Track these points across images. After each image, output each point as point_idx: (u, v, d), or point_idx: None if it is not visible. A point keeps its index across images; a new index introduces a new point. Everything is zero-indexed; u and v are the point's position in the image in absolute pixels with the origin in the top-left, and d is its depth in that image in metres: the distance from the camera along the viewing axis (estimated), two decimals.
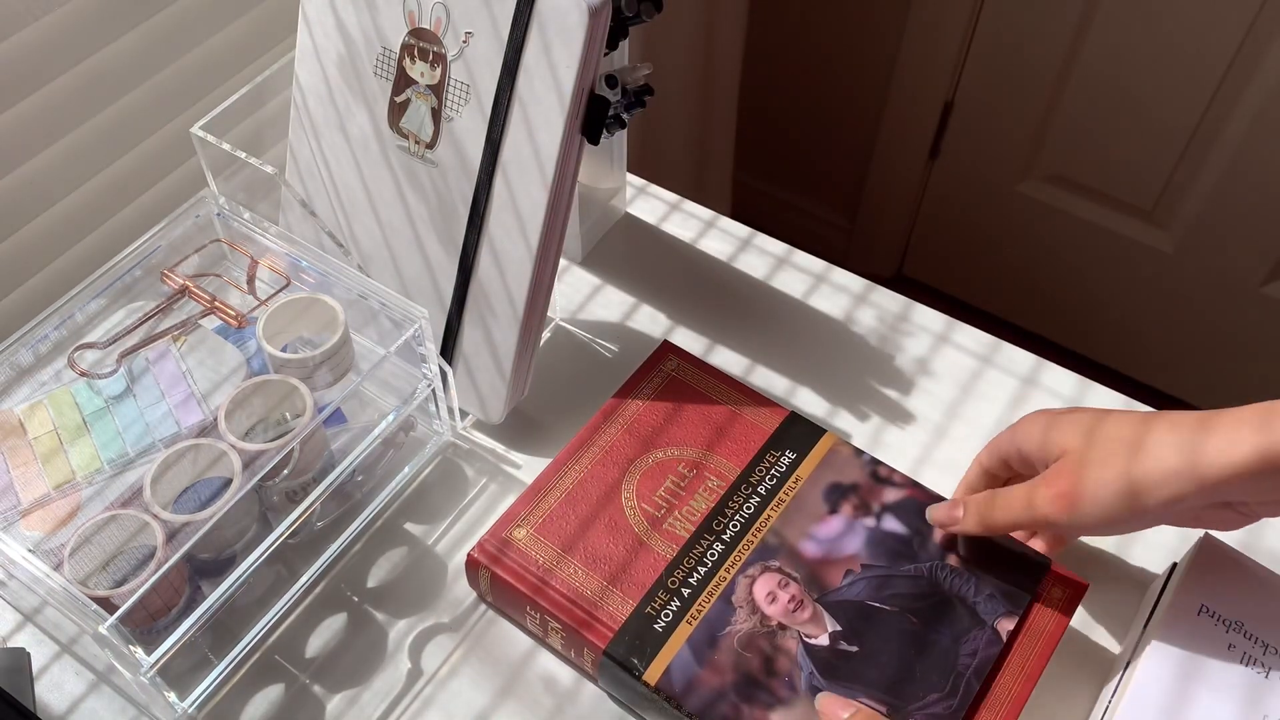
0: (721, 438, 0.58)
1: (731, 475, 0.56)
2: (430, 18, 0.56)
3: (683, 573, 0.52)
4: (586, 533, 0.54)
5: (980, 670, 0.50)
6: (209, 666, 0.53)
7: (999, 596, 0.52)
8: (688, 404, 0.59)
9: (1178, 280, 1.43)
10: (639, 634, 0.50)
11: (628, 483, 0.56)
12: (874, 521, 0.54)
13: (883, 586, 0.52)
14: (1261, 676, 0.48)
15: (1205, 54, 1.22)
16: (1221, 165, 1.30)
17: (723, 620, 0.51)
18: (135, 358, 0.59)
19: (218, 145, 0.61)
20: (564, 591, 0.52)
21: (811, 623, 0.51)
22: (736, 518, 0.54)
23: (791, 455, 0.57)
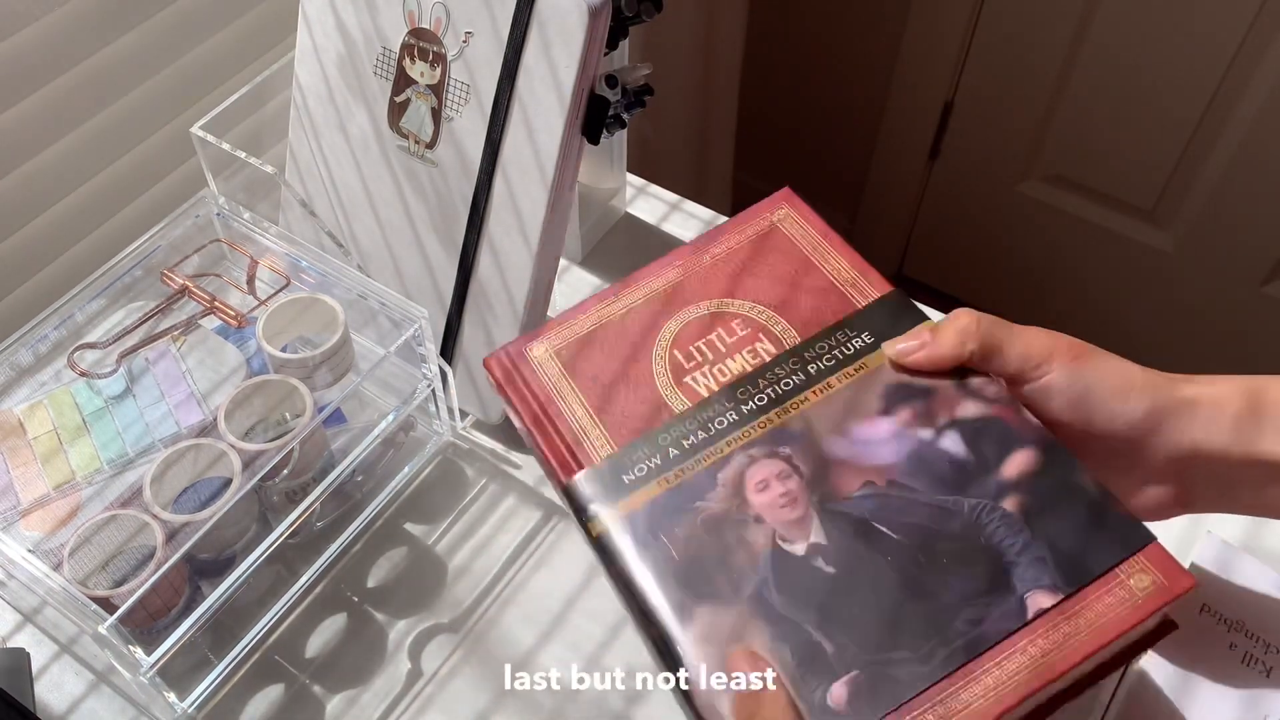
0: (797, 302, 0.48)
1: (787, 344, 0.47)
2: (430, 18, 0.56)
3: (679, 433, 0.45)
4: (604, 366, 0.47)
5: (977, 645, 0.38)
6: (209, 667, 0.53)
7: (1051, 563, 0.39)
8: (779, 258, 0.50)
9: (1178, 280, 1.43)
10: (604, 481, 0.44)
11: (670, 326, 0.48)
12: (931, 434, 0.43)
13: (902, 511, 0.41)
14: (1263, 676, 0.48)
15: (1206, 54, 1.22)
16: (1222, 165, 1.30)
17: (698, 493, 0.43)
18: (135, 358, 0.59)
19: (218, 145, 0.61)
20: (557, 418, 0.46)
21: (795, 526, 0.42)
22: (768, 391, 0.45)
23: (868, 339, 0.46)
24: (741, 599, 0.40)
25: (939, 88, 1.44)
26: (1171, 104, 1.28)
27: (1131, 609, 0.38)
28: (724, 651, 0.39)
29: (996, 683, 0.37)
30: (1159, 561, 0.39)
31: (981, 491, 0.41)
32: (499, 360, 0.48)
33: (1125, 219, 1.43)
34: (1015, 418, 0.43)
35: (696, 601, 0.40)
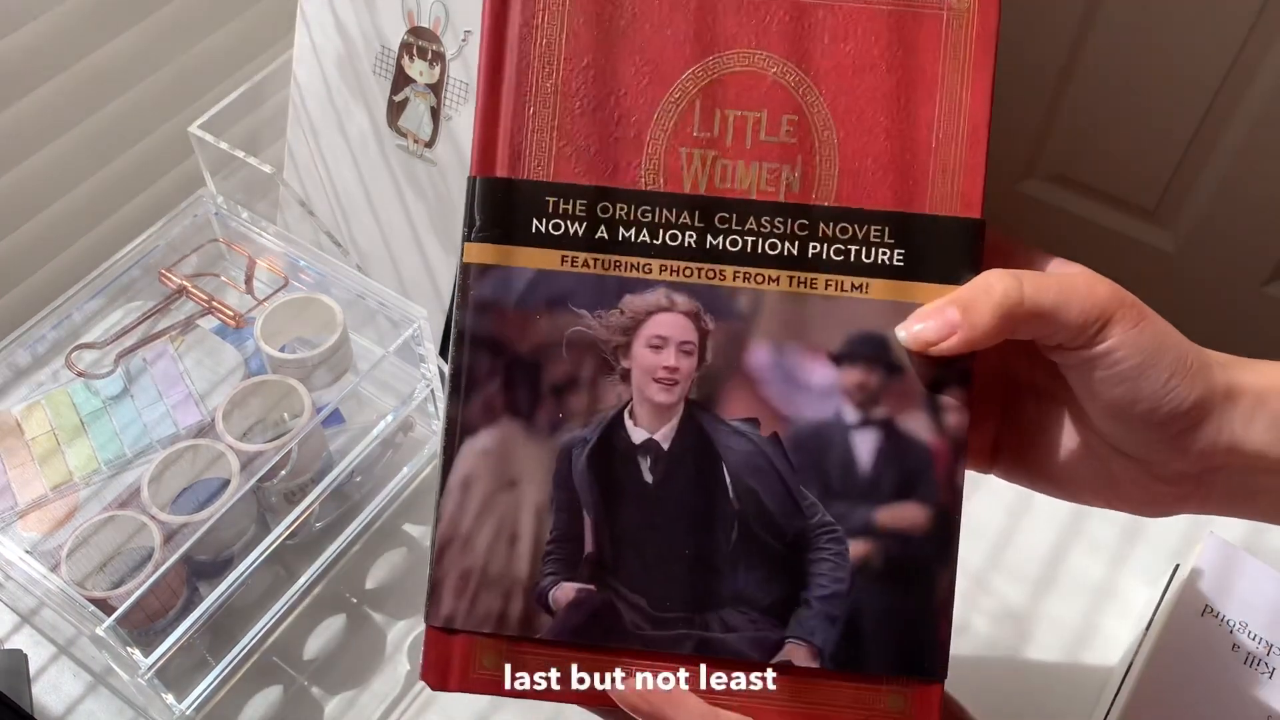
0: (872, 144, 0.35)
1: (819, 196, 0.35)
2: (429, 16, 0.56)
3: (627, 215, 0.34)
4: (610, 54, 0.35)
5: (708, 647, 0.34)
6: (207, 668, 0.53)
7: (838, 630, 0.34)
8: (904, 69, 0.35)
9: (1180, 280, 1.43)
10: (513, 208, 0.34)
11: (721, 61, 0.35)
12: (856, 419, 0.35)
13: (757, 474, 0.35)
14: (1266, 677, 0.48)
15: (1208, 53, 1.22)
16: (1224, 165, 1.30)
17: (591, 300, 0.34)
18: (133, 358, 0.58)
19: (216, 144, 0.61)
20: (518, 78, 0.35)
21: (654, 410, 0.35)
22: (749, 239, 0.35)
23: (898, 260, 0.35)
24: (550, 442, 0.35)
25: None
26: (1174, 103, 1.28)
27: (862, 719, 0.34)
28: (494, 484, 0.34)
29: (702, 691, 0.34)
30: (924, 701, 0.34)
31: (843, 514, 0.35)
32: None
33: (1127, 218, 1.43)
34: (947, 465, 0.35)
35: (508, 409, 0.35)
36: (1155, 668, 0.48)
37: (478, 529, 0.34)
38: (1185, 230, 1.39)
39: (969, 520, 0.35)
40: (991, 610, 0.56)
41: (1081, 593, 0.57)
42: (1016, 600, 0.57)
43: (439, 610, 0.34)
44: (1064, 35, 1.30)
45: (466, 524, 0.34)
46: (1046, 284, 0.34)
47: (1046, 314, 0.33)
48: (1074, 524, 0.60)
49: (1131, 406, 0.35)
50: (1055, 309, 0.33)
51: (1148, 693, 0.48)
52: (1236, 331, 1.43)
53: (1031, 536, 0.59)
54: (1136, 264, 1.44)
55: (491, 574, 0.34)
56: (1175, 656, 0.49)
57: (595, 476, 0.34)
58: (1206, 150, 1.30)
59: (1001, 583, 0.57)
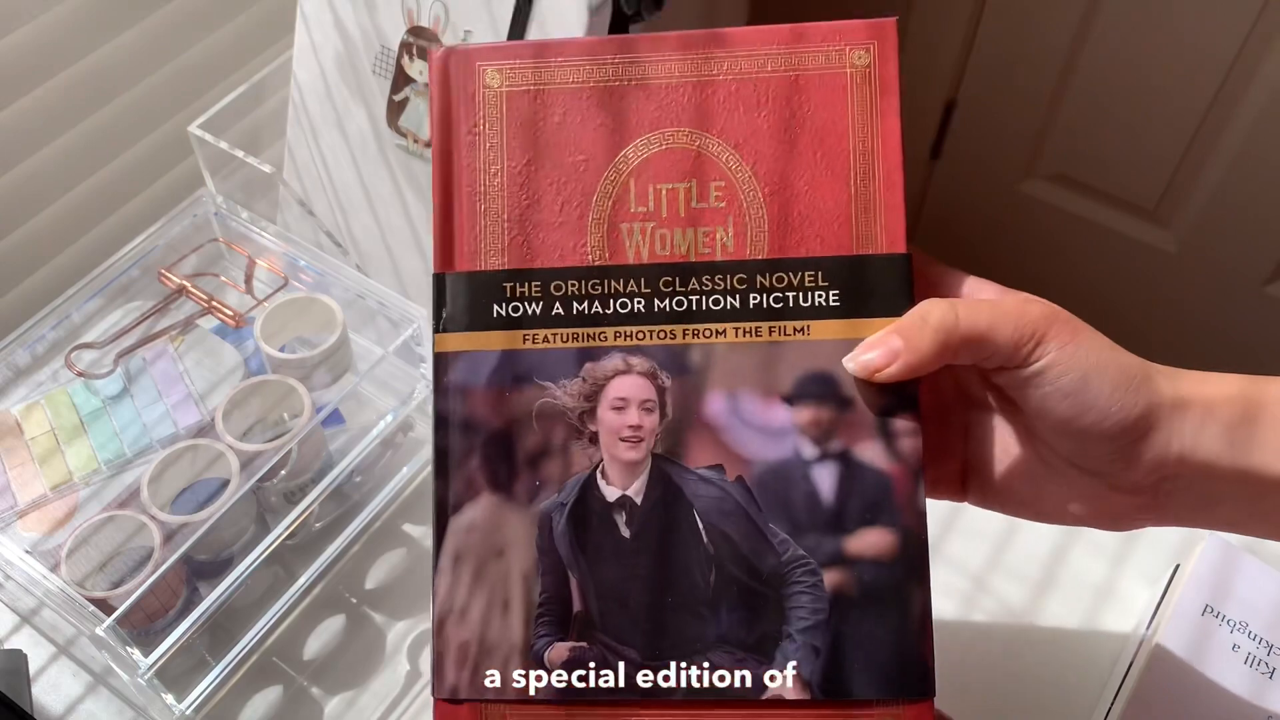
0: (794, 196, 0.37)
1: (752, 251, 0.37)
2: (429, 16, 0.56)
3: (579, 291, 0.37)
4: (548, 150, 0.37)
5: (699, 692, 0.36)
6: (207, 668, 0.53)
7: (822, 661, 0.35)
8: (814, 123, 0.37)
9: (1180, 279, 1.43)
10: (475, 297, 0.37)
11: (648, 143, 0.38)
12: (814, 454, 0.36)
13: (728, 518, 0.36)
14: (1266, 677, 0.48)
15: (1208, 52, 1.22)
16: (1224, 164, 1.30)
17: (555, 372, 0.37)
18: (133, 358, 0.58)
19: (215, 144, 0.61)
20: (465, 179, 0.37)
21: (624, 468, 0.37)
22: (694, 299, 0.37)
23: (835, 300, 0.37)
24: (530, 510, 0.37)
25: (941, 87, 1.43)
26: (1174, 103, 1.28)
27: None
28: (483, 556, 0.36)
29: None
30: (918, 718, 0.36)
31: (814, 547, 0.36)
32: (444, 62, 0.38)
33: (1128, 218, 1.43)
34: (906, 489, 0.36)
35: (489, 483, 0.37)
36: (1155, 668, 0.48)
37: (472, 600, 0.36)
38: (1185, 230, 1.39)
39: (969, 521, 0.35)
40: (992, 610, 0.56)
41: (1081, 593, 0.57)
42: (1016, 600, 0.57)
43: (443, 683, 0.36)
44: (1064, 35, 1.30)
45: (461, 597, 0.36)
46: (979, 309, 0.35)
47: (980, 337, 0.35)
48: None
49: (1078, 420, 0.36)
50: (988, 331, 0.35)
51: (1148, 693, 0.48)
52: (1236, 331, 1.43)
53: (1031, 536, 0.59)
54: (1136, 264, 1.44)
55: (488, 642, 0.36)
56: (1175, 656, 0.49)
57: (575, 537, 0.36)
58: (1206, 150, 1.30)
59: (1001, 583, 0.57)
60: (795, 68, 0.37)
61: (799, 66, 0.37)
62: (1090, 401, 0.36)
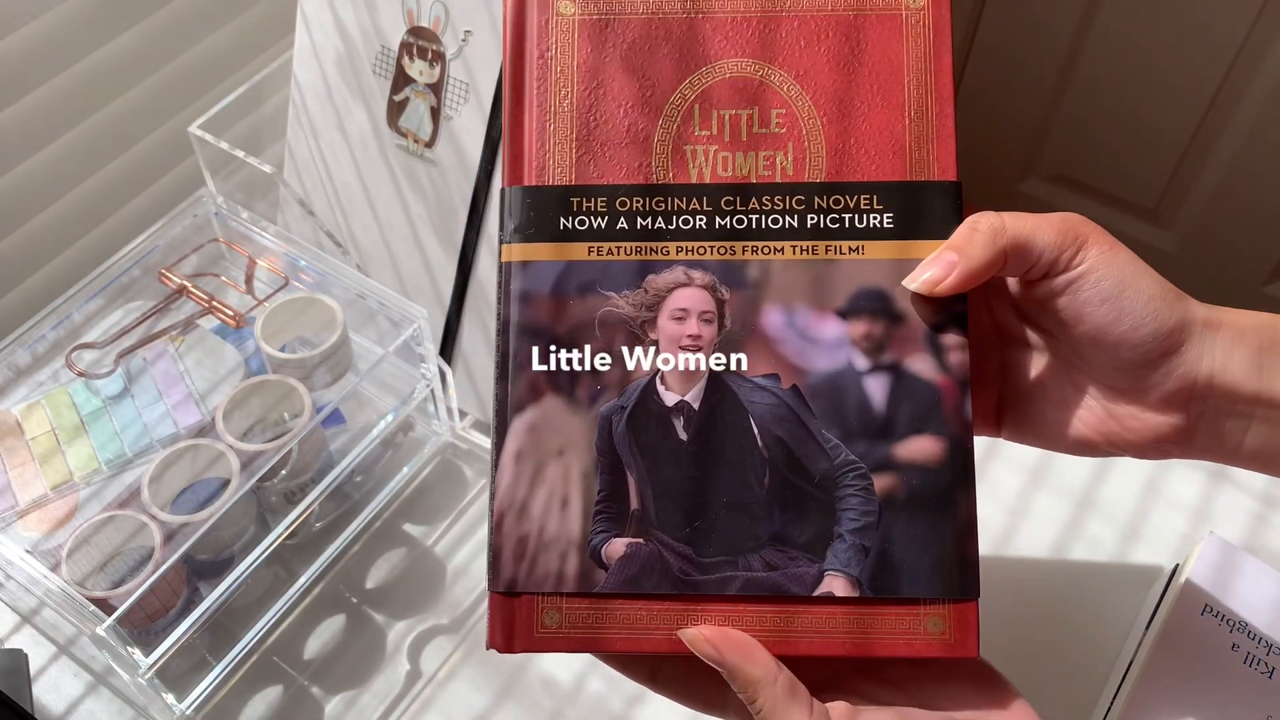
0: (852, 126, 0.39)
1: (811, 174, 0.39)
2: (429, 16, 0.56)
3: (643, 206, 0.39)
4: (618, 73, 0.39)
5: (753, 585, 0.37)
6: (207, 668, 0.53)
7: (871, 559, 0.37)
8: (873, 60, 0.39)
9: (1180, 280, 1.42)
10: (542, 210, 0.39)
11: (712, 70, 0.39)
12: (865, 365, 0.38)
13: (782, 423, 0.38)
14: (1265, 677, 0.48)
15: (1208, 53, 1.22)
16: (1224, 164, 1.30)
17: (618, 283, 0.38)
18: (133, 358, 0.58)
19: (216, 144, 0.61)
20: (539, 97, 0.39)
21: (682, 375, 0.38)
22: (753, 217, 0.39)
23: (888, 223, 0.39)
24: (590, 411, 0.38)
25: None
26: (1174, 103, 1.28)
27: (906, 643, 0.37)
28: (543, 455, 0.38)
29: (753, 627, 0.37)
30: (961, 619, 0.37)
31: (865, 452, 0.38)
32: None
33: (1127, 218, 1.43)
34: (953, 400, 0.38)
35: (550, 386, 0.38)
36: (1155, 668, 0.48)
37: (531, 497, 0.38)
38: (1185, 230, 1.39)
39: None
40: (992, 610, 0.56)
41: (1081, 591, 0.57)
42: (1012, 602, 0.57)
43: (500, 575, 0.37)
44: (1064, 35, 1.30)
45: (521, 493, 0.38)
46: (1023, 217, 0.38)
47: (1027, 241, 0.37)
48: (1074, 524, 0.60)
49: (1114, 327, 0.37)
50: (1034, 234, 0.38)
51: (1148, 693, 0.48)
52: None
53: (1031, 536, 0.59)
54: None
55: (547, 537, 0.37)
56: (1175, 656, 0.49)
57: (634, 439, 0.38)
58: (1206, 150, 1.30)
59: (1002, 582, 0.57)
60: (856, 7, 0.39)
61: (859, 7, 0.39)
62: (1127, 308, 0.37)
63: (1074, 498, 0.61)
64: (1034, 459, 0.62)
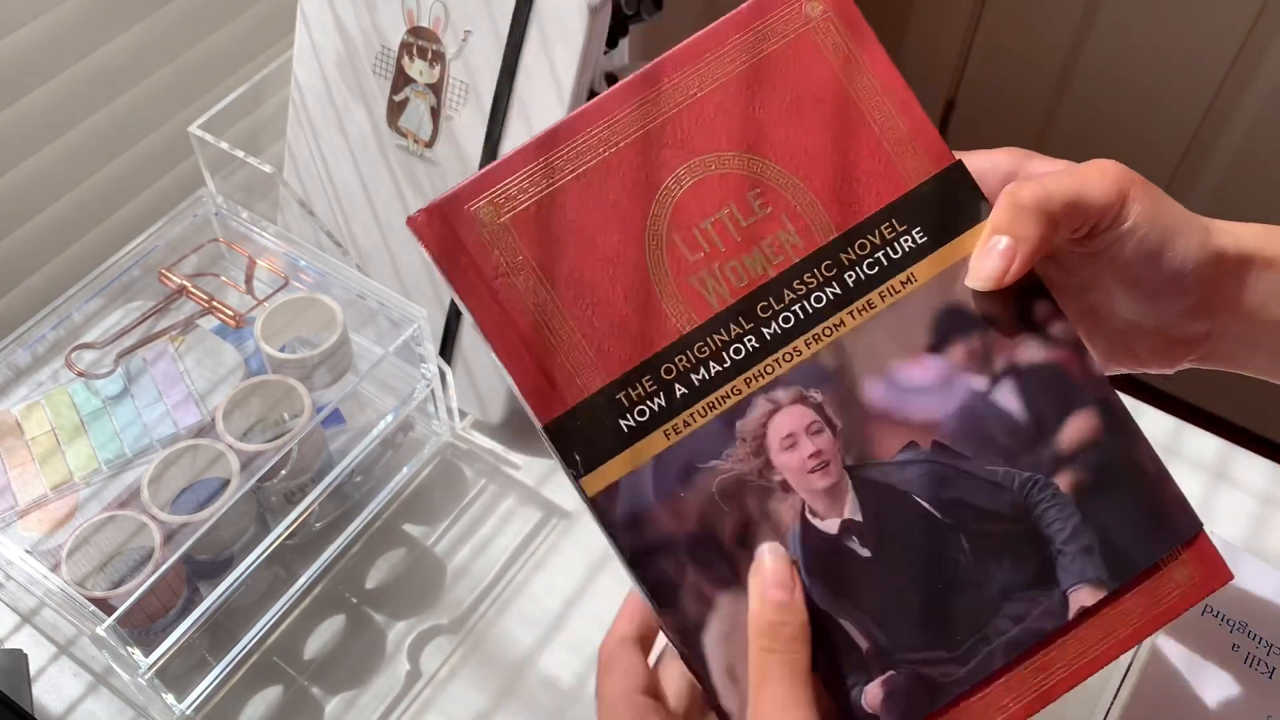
0: (833, 167, 0.37)
1: (819, 235, 0.36)
2: (429, 16, 0.56)
3: (689, 361, 0.35)
4: (581, 250, 0.35)
5: (1015, 646, 0.35)
6: (207, 668, 0.53)
7: (1099, 554, 0.36)
8: (808, 89, 0.36)
9: None
10: (597, 424, 0.35)
11: (666, 193, 0.36)
12: (985, 383, 0.36)
13: (947, 483, 0.36)
14: (1265, 677, 0.48)
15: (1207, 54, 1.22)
16: (1224, 165, 1.30)
17: (713, 448, 0.35)
18: (133, 358, 0.58)
19: (216, 144, 0.61)
20: (520, 321, 0.35)
21: (827, 496, 0.35)
22: (795, 308, 0.36)
23: (921, 237, 0.36)
24: None
25: (940, 86, 1.43)
26: (1174, 102, 1.28)
27: (1169, 607, 0.36)
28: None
29: (1032, 684, 0.35)
30: (1200, 555, 0.36)
31: (1034, 462, 0.36)
32: (430, 223, 0.35)
33: None
34: (1078, 366, 0.37)
35: (717, 588, 0.35)
36: (1155, 668, 0.48)
37: None
38: None
39: None
40: None
41: None
42: None
43: None
44: (1064, 36, 1.30)
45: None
46: (1062, 178, 0.36)
47: (1077, 200, 0.35)
48: None
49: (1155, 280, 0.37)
50: (1083, 192, 0.35)
51: (1148, 693, 0.48)
52: None
53: None
54: None
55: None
56: (1175, 656, 0.49)
57: (824, 586, 0.35)
58: (1207, 150, 1.30)
59: None
60: (758, 52, 0.36)
61: (761, 48, 0.36)
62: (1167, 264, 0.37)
63: None
64: None
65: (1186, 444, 0.63)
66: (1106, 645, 0.36)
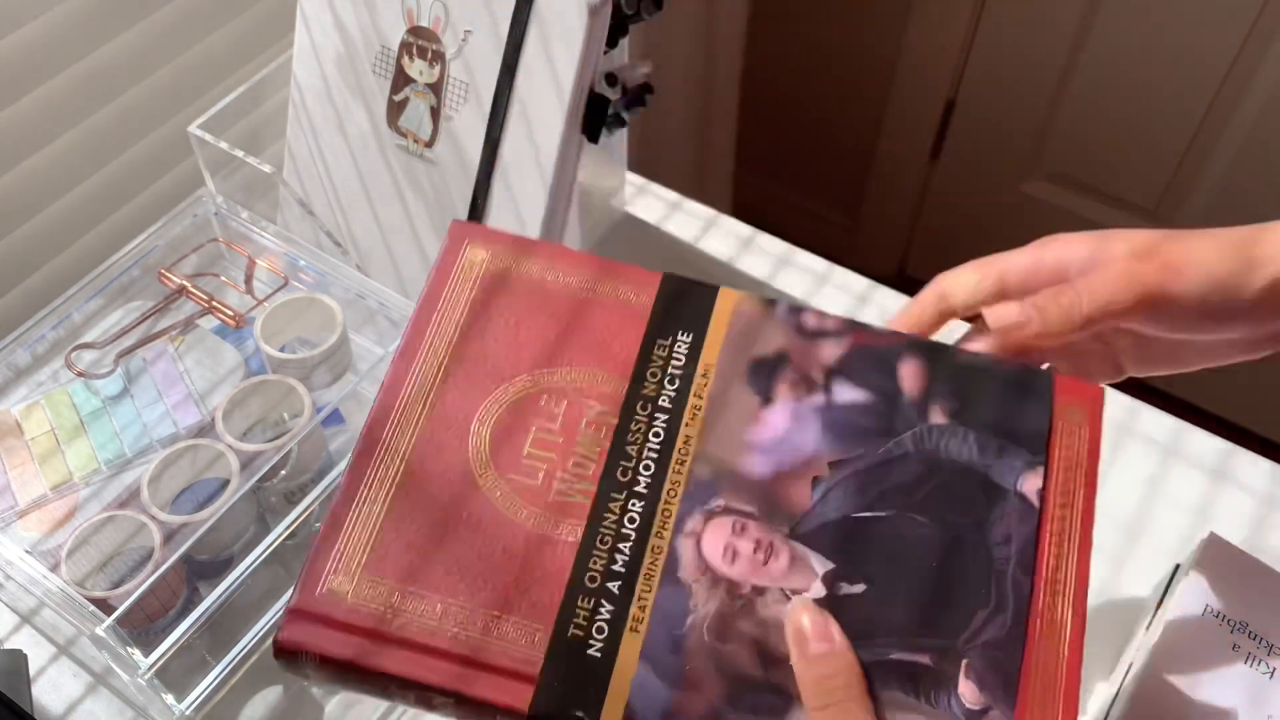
0: (583, 340, 0.40)
1: (616, 391, 0.38)
2: (429, 16, 0.56)
3: (600, 559, 0.36)
4: (442, 544, 0.36)
5: (1025, 559, 0.35)
6: (207, 668, 0.53)
7: (1010, 445, 0.37)
8: (522, 305, 0.40)
9: None
10: (570, 672, 0.34)
11: (476, 449, 0.37)
12: (823, 396, 0.38)
13: (866, 485, 0.37)
14: (1266, 677, 0.48)
15: (1208, 52, 1.22)
16: (1225, 164, 1.30)
17: (678, 608, 0.35)
18: (133, 358, 0.58)
19: (216, 144, 0.61)
20: (432, 645, 0.34)
21: (794, 572, 0.36)
22: (646, 452, 0.37)
23: (686, 337, 0.40)
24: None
25: (941, 86, 1.43)
26: (1174, 102, 1.28)
27: (1082, 439, 0.38)
28: None
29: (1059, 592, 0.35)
30: (1067, 386, 0.39)
31: (906, 421, 0.38)
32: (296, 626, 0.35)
33: (1128, 218, 1.43)
34: (870, 336, 0.40)
35: (777, 716, 0.34)
36: (1155, 667, 0.48)
37: None
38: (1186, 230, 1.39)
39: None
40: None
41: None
42: None
43: None
44: (1064, 35, 1.30)
45: None
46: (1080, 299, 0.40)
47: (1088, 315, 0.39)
48: None
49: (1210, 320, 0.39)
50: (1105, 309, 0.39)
51: (1148, 692, 0.48)
52: None
53: None
54: None
55: None
56: (1175, 656, 0.49)
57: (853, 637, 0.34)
58: (1207, 150, 1.30)
59: None
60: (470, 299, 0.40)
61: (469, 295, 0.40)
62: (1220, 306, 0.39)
63: None
64: None
65: (1187, 444, 0.63)
66: (1078, 507, 0.37)
